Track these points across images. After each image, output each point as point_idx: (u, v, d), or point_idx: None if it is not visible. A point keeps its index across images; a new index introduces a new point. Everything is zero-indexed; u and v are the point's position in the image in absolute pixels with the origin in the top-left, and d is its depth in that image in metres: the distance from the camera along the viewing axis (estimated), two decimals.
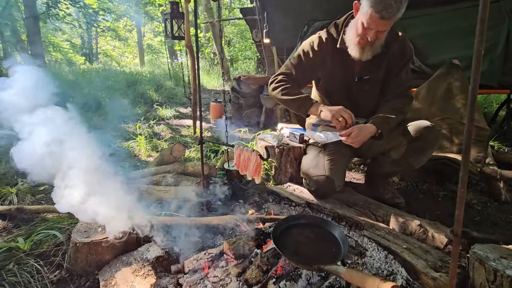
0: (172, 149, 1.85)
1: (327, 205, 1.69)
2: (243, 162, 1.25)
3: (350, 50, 1.55)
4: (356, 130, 1.48)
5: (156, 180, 1.76)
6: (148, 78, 8.04)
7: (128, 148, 2.94)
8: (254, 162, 1.18)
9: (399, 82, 1.66)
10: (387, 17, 1.31)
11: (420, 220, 1.47)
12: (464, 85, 2.40)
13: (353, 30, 1.50)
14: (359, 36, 1.46)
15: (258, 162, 1.17)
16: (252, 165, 1.19)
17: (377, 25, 1.36)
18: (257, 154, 1.17)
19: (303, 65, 1.70)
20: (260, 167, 1.18)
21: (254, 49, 17.12)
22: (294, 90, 1.66)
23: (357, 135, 1.49)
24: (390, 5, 1.27)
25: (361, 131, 1.50)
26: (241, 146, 1.27)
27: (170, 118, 4.54)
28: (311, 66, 1.70)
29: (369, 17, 1.34)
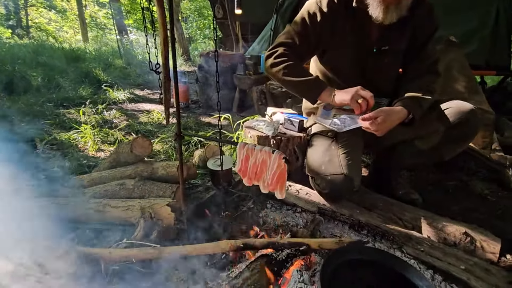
0: (133, 144, 1.32)
1: (344, 210, 1.34)
2: (253, 168, 0.81)
3: (372, 9, 1.19)
4: (382, 115, 1.15)
5: (111, 190, 1.23)
6: (94, 56, 6.89)
7: (69, 140, 2.27)
8: (276, 169, 0.76)
9: (425, 55, 1.34)
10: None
11: (462, 225, 1.20)
12: (463, 66, 2.21)
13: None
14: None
15: (282, 169, 0.75)
16: (271, 173, 0.77)
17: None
18: (281, 156, 0.74)
19: (308, 32, 1.31)
20: (285, 176, 0.76)
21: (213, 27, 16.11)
22: (299, 69, 1.29)
23: (384, 121, 1.16)
24: None
25: (388, 115, 1.17)
26: (249, 145, 0.82)
27: (124, 102, 3.81)
28: (319, 33, 1.31)
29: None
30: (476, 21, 2.74)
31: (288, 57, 1.29)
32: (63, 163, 1.82)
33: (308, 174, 1.46)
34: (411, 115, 1.23)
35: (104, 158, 2.02)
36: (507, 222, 1.50)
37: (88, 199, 1.17)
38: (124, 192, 1.21)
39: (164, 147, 2.17)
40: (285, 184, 0.79)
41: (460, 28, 2.69)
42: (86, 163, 1.90)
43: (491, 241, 1.13)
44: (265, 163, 0.78)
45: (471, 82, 2.19)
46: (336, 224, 1.34)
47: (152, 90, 4.95)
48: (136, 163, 1.38)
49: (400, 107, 1.22)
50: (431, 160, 1.46)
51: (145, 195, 1.21)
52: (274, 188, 0.79)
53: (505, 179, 1.84)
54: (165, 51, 1.05)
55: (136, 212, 1.08)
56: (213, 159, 1.47)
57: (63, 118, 2.88)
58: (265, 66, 1.35)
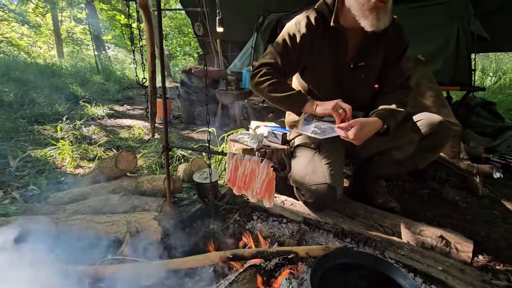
0: (118, 159, 1.30)
1: (328, 219, 1.38)
2: (242, 178, 0.84)
3: (363, 20, 1.25)
4: (358, 125, 1.22)
5: (94, 206, 1.19)
6: (70, 72, 6.73)
7: (45, 157, 2.17)
8: (265, 177, 0.79)
9: (399, 71, 1.45)
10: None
11: (438, 229, 1.28)
12: (432, 83, 2.40)
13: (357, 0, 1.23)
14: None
15: (270, 177, 0.78)
16: (260, 182, 0.79)
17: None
18: (269, 165, 0.77)
19: (289, 51, 1.38)
20: (273, 184, 0.79)
21: (194, 45, 16.31)
22: (283, 85, 1.36)
23: (360, 129, 1.23)
24: None
25: (364, 125, 1.25)
26: (238, 155, 0.85)
27: (103, 118, 3.73)
28: (299, 53, 1.39)
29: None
30: (440, 42, 3.00)
31: (271, 75, 1.35)
32: (40, 181, 1.75)
33: (293, 185, 1.50)
34: (386, 126, 1.31)
35: (84, 174, 1.95)
36: (477, 225, 1.61)
37: (70, 215, 1.12)
38: (108, 208, 1.18)
39: (147, 162, 2.14)
40: (273, 193, 0.82)
41: (426, 48, 2.93)
42: (64, 180, 1.83)
43: (465, 243, 1.21)
44: (254, 172, 0.81)
45: (438, 97, 2.37)
46: (321, 233, 1.37)
47: (132, 106, 4.88)
48: (120, 177, 1.36)
49: (375, 118, 1.29)
50: (407, 169, 1.55)
51: (130, 210, 1.18)
52: (263, 196, 0.82)
53: (473, 186, 1.97)
54: (152, 65, 1.08)
55: (122, 227, 1.06)
56: (199, 172, 1.47)
57: (37, 134, 2.77)
58: (251, 84, 1.41)
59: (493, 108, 3.35)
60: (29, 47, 16.43)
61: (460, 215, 1.71)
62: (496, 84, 6.41)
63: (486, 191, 2.00)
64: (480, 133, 3.05)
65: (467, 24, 2.93)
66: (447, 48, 2.92)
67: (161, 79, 0.99)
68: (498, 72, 8.12)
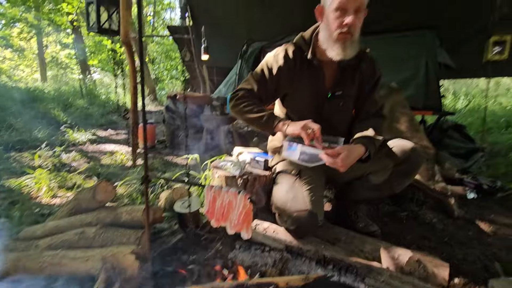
0: (96, 190, 1.28)
1: (310, 246, 1.39)
2: (220, 210, 0.85)
3: (330, 51, 1.36)
4: (345, 151, 1.26)
5: (68, 240, 1.15)
6: (52, 96, 6.64)
7: (20, 187, 2.09)
8: (242, 209, 0.80)
9: (373, 102, 1.55)
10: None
11: (416, 254, 1.31)
12: (405, 109, 2.55)
13: (326, 31, 1.36)
14: (338, 28, 1.29)
15: (247, 209, 0.80)
16: (238, 214, 0.81)
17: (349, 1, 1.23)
18: (246, 197, 0.79)
19: (266, 80, 1.47)
20: (250, 216, 0.80)
21: (180, 69, 16.57)
22: (257, 107, 1.41)
23: (347, 156, 1.26)
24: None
25: (351, 152, 1.29)
26: (216, 187, 0.87)
27: (85, 143, 3.66)
28: (275, 82, 1.47)
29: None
30: (411, 70, 3.21)
31: (247, 98, 1.42)
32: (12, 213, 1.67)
33: (275, 212, 1.51)
34: (367, 153, 1.36)
35: (60, 205, 1.89)
36: (454, 247, 1.65)
37: (42, 251, 1.08)
38: (83, 242, 1.14)
39: (128, 190, 2.10)
40: (251, 224, 0.83)
41: (399, 76, 3.13)
42: (39, 212, 1.76)
43: (441, 267, 1.24)
44: (232, 204, 0.83)
45: (412, 122, 2.51)
46: (303, 261, 1.37)
47: (115, 131, 4.83)
48: (98, 209, 1.33)
49: (359, 145, 1.34)
50: (384, 193, 1.60)
51: (107, 243, 1.15)
52: (240, 228, 0.83)
53: (449, 208, 2.05)
54: (134, 97, 1.10)
55: (97, 262, 1.02)
56: (181, 201, 1.46)
57: (13, 162, 2.68)
58: (229, 106, 1.48)
59: (464, 131, 3.56)
60: (11, 70, 16.18)
61: (437, 237, 1.76)
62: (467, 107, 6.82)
63: (462, 212, 2.08)
64: (453, 155, 3.21)
65: (434, 54, 3.17)
66: (418, 76, 3.13)
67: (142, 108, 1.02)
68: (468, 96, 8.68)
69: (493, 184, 2.48)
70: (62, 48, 15.97)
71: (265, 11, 4.23)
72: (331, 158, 1.27)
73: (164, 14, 18.87)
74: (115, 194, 1.37)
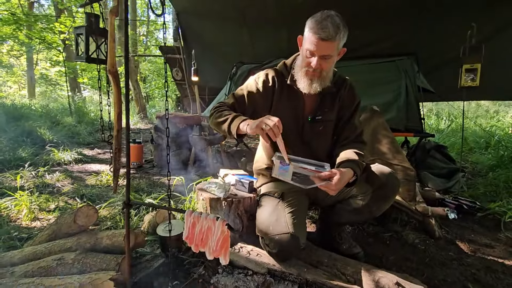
0: (77, 214, 1.26)
1: (292, 269, 1.40)
2: (199, 235, 0.86)
3: (299, 83, 1.45)
4: (338, 175, 1.26)
5: (46, 267, 1.12)
6: (40, 113, 6.57)
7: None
8: (219, 235, 0.82)
9: (353, 127, 1.59)
10: (324, 36, 1.26)
11: (395, 277, 1.33)
12: (386, 131, 2.64)
13: (299, 62, 1.46)
14: (306, 66, 1.39)
15: (225, 235, 0.82)
16: (216, 240, 0.83)
17: (318, 47, 1.29)
18: (223, 223, 0.82)
19: (244, 101, 1.52)
20: (228, 242, 0.82)
21: (172, 87, 16.74)
22: (228, 112, 1.40)
23: (340, 180, 1.26)
24: (326, 25, 1.26)
25: (343, 175, 1.29)
26: (195, 212, 0.89)
27: (70, 163, 3.60)
28: (252, 104, 1.52)
29: (309, 39, 1.31)
30: (392, 94, 3.36)
31: (222, 107, 1.44)
32: None
33: (258, 234, 1.52)
34: (355, 177, 1.37)
35: (41, 228, 1.84)
36: (435, 268, 1.69)
37: (17, 279, 1.05)
38: (62, 268, 1.12)
39: (112, 212, 2.07)
40: (229, 250, 0.85)
41: (381, 99, 3.27)
42: (17, 236, 1.71)
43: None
44: (210, 229, 0.85)
45: (393, 144, 2.59)
46: (286, 285, 1.37)
47: (103, 150, 4.77)
48: (79, 233, 1.31)
49: (347, 169, 1.34)
50: (364, 217, 1.63)
51: (86, 270, 1.13)
52: (218, 254, 0.84)
53: (430, 228, 2.09)
54: (118, 124, 1.13)
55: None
56: (163, 224, 1.46)
57: None
58: (210, 121, 1.47)
59: (445, 151, 3.69)
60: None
61: (419, 258, 1.79)
62: (449, 127, 7.08)
63: (443, 232, 2.13)
64: (436, 174, 3.30)
65: (414, 79, 3.34)
66: (399, 99, 3.28)
67: (125, 133, 1.04)
68: (450, 116, 9.04)
69: (473, 204, 2.56)
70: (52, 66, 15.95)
71: (253, 36, 4.41)
72: (324, 181, 1.28)
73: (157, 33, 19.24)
74: (97, 218, 1.36)
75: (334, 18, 1.28)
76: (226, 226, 0.82)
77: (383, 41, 3.65)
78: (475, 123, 7.08)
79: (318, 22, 1.27)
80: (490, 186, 3.07)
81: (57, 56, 10.97)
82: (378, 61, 3.60)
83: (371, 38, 3.68)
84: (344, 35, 1.32)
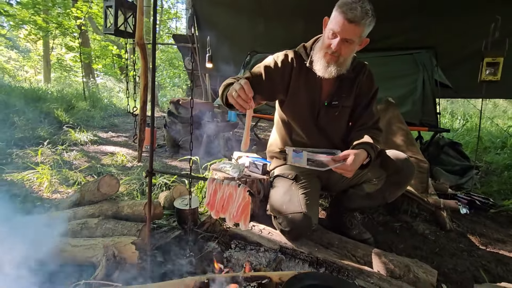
0: (100, 183, 1.33)
1: (303, 248, 1.43)
2: (221, 202, 0.90)
3: (315, 64, 1.44)
4: (353, 155, 1.29)
5: (71, 229, 1.19)
6: (56, 97, 6.72)
7: (22, 181, 2.13)
8: (241, 201, 0.85)
9: (370, 114, 1.58)
10: (351, 17, 1.24)
11: (406, 259, 1.35)
12: (401, 123, 2.62)
13: (320, 44, 1.43)
14: (325, 48, 1.36)
15: (246, 201, 0.85)
16: (237, 206, 0.86)
17: (343, 28, 1.27)
18: (245, 190, 0.85)
19: (261, 76, 1.48)
20: (249, 208, 0.86)
21: (183, 77, 16.84)
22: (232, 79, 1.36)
23: (354, 161, 1.29)
24: (356, 8, 1.24)
25: (357, 156, 1.31)
26: (217, 179, 0.92)
27: (86, 144, 3.71)
28: (269, 79, 1.49)
29: (335, 20, 1.29)
30: (408, 87, 3.32)
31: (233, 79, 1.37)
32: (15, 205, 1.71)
33: (271, 214, 1.55)
34: (369, 158, 1.39)
35: (61, 200, 1.92)
36: (444, 258, 1.69)
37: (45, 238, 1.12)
38: (86, 231, 1.18)
39: (128, 189, 2.14)
40: (249, 216, 0.88)
41: (397, 92, 3.23)
42: (40, 205, 1.79)
43: (429, 273, 1.28)
44: (231, 196, 0.88)
45: (408, 136, 2.57)
46: (296, 263, 1.40)
47: (116, 133, 4.88)
48: (101, 201, 1.37)
49: (361, 150, 1.36)
50: (377, 202, 1.64)
51: (108, 234, 1.19)
52: (238, 219, 0.88)
53: (441, 220, 2.09)
54: (144, 96, 1.17)
55: (99, 250, 1.06)
56: (180, 198, 1.51)
57: (15, 158, 2.72)
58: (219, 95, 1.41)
59: (460, 148, 3.63)
60: (15, 70, 16.36)
61: (429, 247, 1.80)
62: (464, 126, 6.94)
63: (454, 225, 2.12)
64: (448, 171, 3.27)
65: (431, 73, 3.28)
66: (415, 93, 3.23)
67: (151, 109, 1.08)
68: (465, 116, 8.84)
69: (486, 200, 2.53)
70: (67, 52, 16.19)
71: (268, 24, 4.38)
72: (339, 163, 1.30)
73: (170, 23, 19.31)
74: (118, 189, 1.42)
75: (365, 2, 1.25)
76: (248, 193, 0.85)
77: (402, 34, 3.57)
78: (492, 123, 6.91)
79: (348, 3, 1.25)
80: (504, 185, 3.02)
81: (73, 41, 11.13)
82: (396, 53, 3.54)
83: (390, 30, 3.59)
84: (371, 22, 1.29)
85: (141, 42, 1.06)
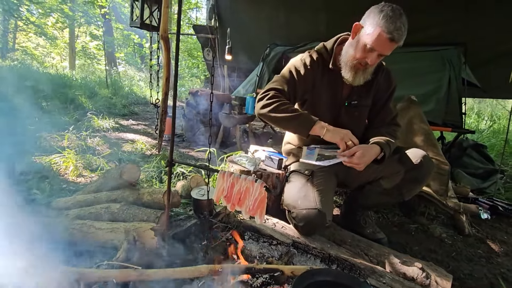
0: (123, 170, 1.39)
1: (316, 243, 1.44)
2: (237, 195, 0.92)
3: (344, 72, 1.45)
4: (361, 150, 1.32)
5: (95, 213, 1.26)
6: (80, 84, 6.97)
7: (50, 165, 2.26)
8: (257, 196, 0.88)
9: (388, 111, 1.62)
10: (397, 38, 1.23)
11: (420, 261, 1.33)
12: (423, 123, 2.54)
13: (351, 52, 1.39)
14: (358, 60, 1.36)
15: (262, 196, 0.87)
16: (253, 200, 0.88)
17: (384, 47, 1.27)
18: (262, 185, 0.87)
19: (295, 82, 1.50)
20: (264, 203, 0.88)
21: (201, 68, 16.94)
22: (292, 107, 1.41)
23: (363, 155, 1.32)
24: (400, 28, 1.22)
25: (366, 150, 1.35)
26: (235, 173, 0.95)
27: (108, 131, 3.85)
28: (303, 84, 1.52)
29: (377, 37, 1.25)
30: (433, 85, 3.19)
31: (279, 98, 1.42)
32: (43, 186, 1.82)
33: (285, 208, 1.57)
34: (382, 153, 1.40)
35: (85, 184, 2.03)
36: (461, 263, 1.66)
37: (72, 220, 1.19)
38: (108, 215, 1.25)
39: (147, 176, 2.22)
40: (264, 210, 0.90)
41: (420, 89, 3.11)
42: (66, 188, 1.90)
43: (444, 277, 1.26)
44: (248, 190, 0.90)
45: (429, 136, 2.49)
46: (308, 258, 1.42)
47: (136, 121, 5.02)
48: (122, 188, 1.43)
49: (374, 144, 1.39)
50: (394, 199, 1.63)
51: (129, 219, 1.25)
52: (254, 213, 0.90)
53: (460, 225, 2.03)
54: (166, 88, 1.20)
55: (120, 234, 1.12)
56: (197, 188, 1.55)
57: (43, 142, 2.87)
58: (257, 107, 1.46)
59: (484, 150, 3.48)
60: (43, 57, 17.04)
61: (445, 251, 1.76)
62: (490, 128, 6.61)
63: (473, 230, 2.06)
64: (471, 174, 3.15)
65: (458, 71, 3.14)
66: (440, 91, 3.10)
67: (172, 100, 1.11)
68: (493, 117, 8.40)
69: (510, 206, 2.43)
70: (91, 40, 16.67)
71: (289, 17, 4.31)
72: (347, 158, 1.32)
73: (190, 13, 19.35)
74: (139, 176, 1.48)
75: (403, 17, 1.23)
76: (264, 188, 0.87)
77: (432, 28, 3.41)
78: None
79: (392, 21, 1.21)
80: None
81: (97, 30, 11.43)
82: (422, 49, 3.39)
83: (420, 24, 3.42)
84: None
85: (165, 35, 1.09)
